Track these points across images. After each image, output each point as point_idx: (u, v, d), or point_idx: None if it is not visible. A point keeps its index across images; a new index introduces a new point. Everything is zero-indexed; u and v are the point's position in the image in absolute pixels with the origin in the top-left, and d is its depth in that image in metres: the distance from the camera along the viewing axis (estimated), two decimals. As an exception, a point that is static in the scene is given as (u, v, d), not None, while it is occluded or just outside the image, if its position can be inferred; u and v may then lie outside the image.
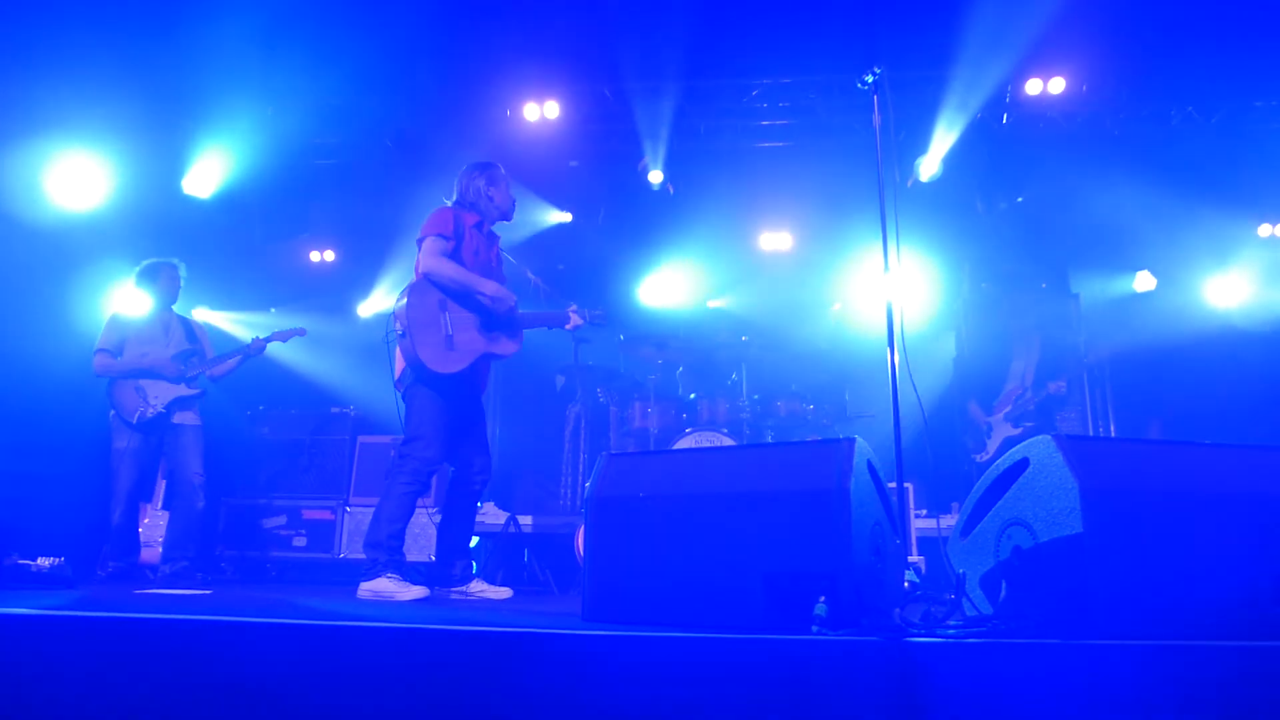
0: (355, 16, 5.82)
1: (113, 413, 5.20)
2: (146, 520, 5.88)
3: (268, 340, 5.50)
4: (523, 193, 6.85)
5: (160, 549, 5.37)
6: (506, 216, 4.45)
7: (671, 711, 1.84)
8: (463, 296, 4.12)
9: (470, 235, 4.24)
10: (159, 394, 5.18)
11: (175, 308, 5.52)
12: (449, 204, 4.34)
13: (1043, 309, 6.06)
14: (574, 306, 4.41)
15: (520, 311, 4.27)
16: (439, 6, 5.91)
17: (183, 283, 5.52)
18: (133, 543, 5.20)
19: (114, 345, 5.24)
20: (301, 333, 5.68)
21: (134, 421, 5.12)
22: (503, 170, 4.45)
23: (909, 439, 3.17)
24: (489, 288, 4.13)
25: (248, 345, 5.45)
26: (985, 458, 5.58)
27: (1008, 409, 5.70)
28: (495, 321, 4.20)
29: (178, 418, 5.23)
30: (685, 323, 7.43)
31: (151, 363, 5.19)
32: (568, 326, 4.39)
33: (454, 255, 4.15)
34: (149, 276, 5.42)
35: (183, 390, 5.24)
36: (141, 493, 5.37)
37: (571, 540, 5.69)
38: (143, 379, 5.19)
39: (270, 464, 6.60)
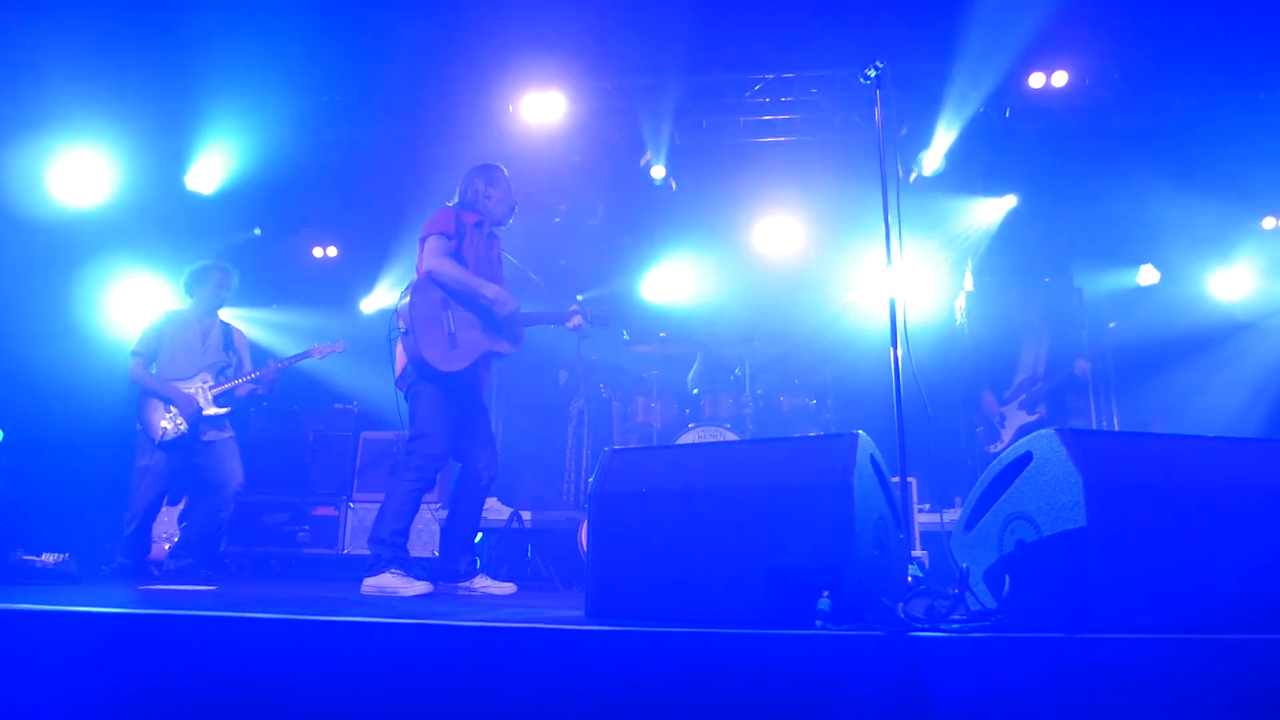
0: (358, 12, 5.81)
1: (139, 426, 5.04)
2: (151, 516, 5.88)
3: (291, 361, 5.36)
4: (525, 189, 6.86)
5: (167, 545, 5.37)
6: (502, 220, 4.43)
7: (675, 707, 1.84)
8: (464, 296, 4.13)
9: (471, 235, 4.25)
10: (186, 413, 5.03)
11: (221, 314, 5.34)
12: (451, 205, 4.36)
13: (1047, 303, 6.06)
14: (575, 306, 4.42)
15: (523, 310, 4.28)
16: (442, 2, 5.90)
17: (233, 290, 5.31)
18: (142, 548, 5.13)
19: (148, 350, 5.08)
20: (339, 347, 5.49)
21: (157, 441, 4.96)
22: (505, 172, 4.45)
23: (912, 433, 3.16)
24: (490, 291, 4.13)
25: (264, 373, 5.24)
26: (999, 447, 5.57)
27: (1022, 397, 5.70)
28: (497, 320, 4.21)
29: (207, 435, 5.06)
30: (688, 318, 7.43)
31: (171, 391, 5.00)
32: (569, 325, 4.40)
33: (455, 254, 4.16)
34: (197, 279, 5.23)
35: (210, 410, 5.07)
36: (157, 507, 5.24)
37: (575, 536, 5.70)
38: (169, 400, 5.02)
39: (274, 460, 6.61)
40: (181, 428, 4.98)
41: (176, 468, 5.06)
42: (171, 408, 5.00)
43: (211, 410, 5.07)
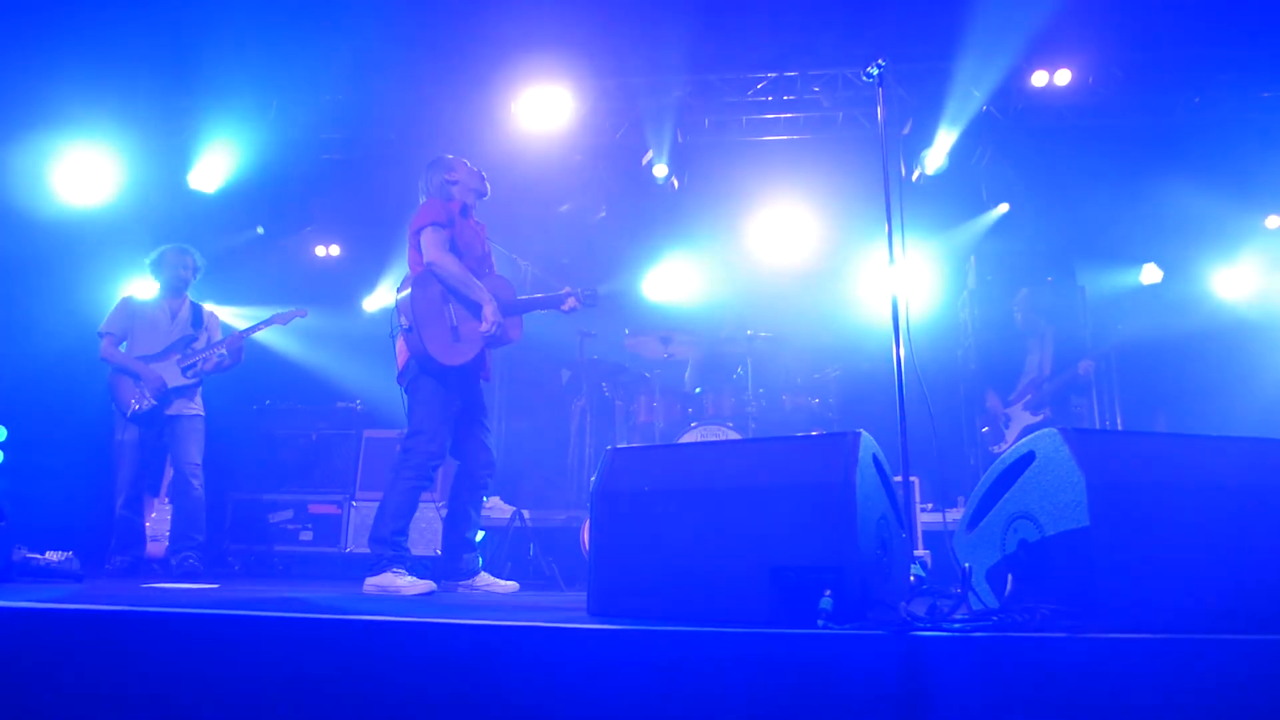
0: (359, 11, 5.81)
1: (113, 405, 5.27)
2: (154, 515, 5.89)
3: (255, 329, 5.49)
4: (527, 187, 6.86)
5: (167, 543, 5.39)
6: (481, 191, 4.41)
7: (677, 705, 1.84)
8: (459, 294, 4.12)
9: (460, 223, 4.24)
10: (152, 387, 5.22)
11: (190, 295, 5.54)
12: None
13: (1050, 303, 6.05)
14: (568, 289, 4.42)
15: (519, 298, 4.28)
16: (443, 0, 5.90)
17: (199, 269, 5.54)
18: (137, 535, 5.24)
19: (118, 329, 5.31)
20: (302, 313, 5.65)
21: (127, 415, 5.19)
22: (450, 156, 4.44)
23: (914, 432, 3.16)
24: (484, 296, 4.11)
25: (228, 340, 5.41)
26: (1003, 448, 5.56)
27: (1027, 397, 5.70)
28: (498, 308, 4.20)
29: (172, 409, 5.25)
30: (690, 316, 7.42)
31: (139, 367, 5.21)
32: (564, 308, 4.40)
33: (450, 242, 4.14)
34: (158, 262, 5.47)
35: (178, 381, 5.26)
36: (145, 485, 5.41)
37: (577, 535, 5.70)
38: (136, 376, 5.23)
39: (276, 458, 6.62)
40: (150, 402, 5.19)
41: (150, 441, 5.30)
42: (141, 383, 5.21)
43: (179, 381, 5.26)
